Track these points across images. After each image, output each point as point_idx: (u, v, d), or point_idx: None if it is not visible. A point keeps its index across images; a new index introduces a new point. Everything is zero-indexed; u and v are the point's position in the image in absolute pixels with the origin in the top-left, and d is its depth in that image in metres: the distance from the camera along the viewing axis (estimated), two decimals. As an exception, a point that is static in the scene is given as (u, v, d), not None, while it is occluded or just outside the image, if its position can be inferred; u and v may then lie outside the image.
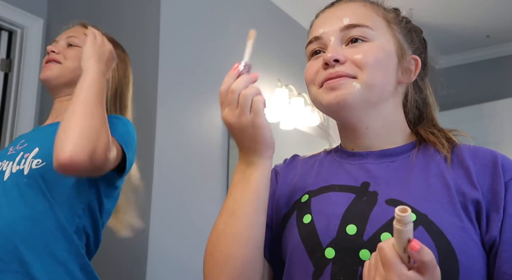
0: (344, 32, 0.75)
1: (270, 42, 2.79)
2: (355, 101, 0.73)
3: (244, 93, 0.70)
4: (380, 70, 0.74)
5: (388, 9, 0.81)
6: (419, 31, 0.83)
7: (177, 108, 2.12)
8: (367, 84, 0.73)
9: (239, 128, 0.70)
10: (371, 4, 0.79)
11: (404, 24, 0.80)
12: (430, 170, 0.72)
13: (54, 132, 1.03)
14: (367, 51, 0.73)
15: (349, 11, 0.77)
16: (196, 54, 2.26)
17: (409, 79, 0.79)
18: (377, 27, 0.76)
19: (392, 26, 0.78)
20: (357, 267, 0.65)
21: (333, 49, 0.74)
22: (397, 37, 0.77)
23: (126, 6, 2.24)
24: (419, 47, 0.81)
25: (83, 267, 1.09)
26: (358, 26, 0.74)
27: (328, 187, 0.76)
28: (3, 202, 1.06)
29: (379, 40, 0.75)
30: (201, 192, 2.18)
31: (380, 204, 0.69)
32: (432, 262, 0.53)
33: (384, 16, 0.78)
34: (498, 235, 0.65)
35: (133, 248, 1.93)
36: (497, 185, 0.67)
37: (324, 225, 0.70)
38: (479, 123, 3.28)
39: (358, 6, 0.78)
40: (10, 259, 1.00)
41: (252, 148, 0.72)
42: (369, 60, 0.73)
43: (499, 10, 3.10)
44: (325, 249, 0.68)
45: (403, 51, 0.77)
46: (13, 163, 1.10)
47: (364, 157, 0.77)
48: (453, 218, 0.66)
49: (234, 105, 0.70)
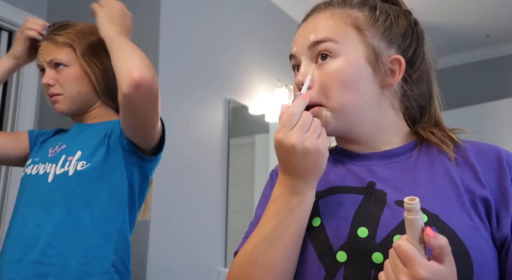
0: (311, 49, 0.74)
1: (270, 42, 2.79)
2: (332, 127, 0.73)
3: (315, 119, 0.68)
4: (348, 89, 0.72)
5: (360, 6, 0.76)
6: (404, 17, 0.78)
7: (177, 108, 2.11)
8: (336, 109, 0.72)
9: (302, 152, 0.66)
10: (340, 11, 0.76)
11: (382, 21, 0.75)
12: (435, 169, 0.72)
13: (93, 135, 1.13)
14: (330, 74, 0.72)
15: (316, 26, 0.75)
16: (196, 54, 2.26)
17: (393, 81, 0.75)
18: (344, 39, 0.73)
19: (363, 32, 0.74)
20: (370, 270, 0.65)
21: (301, 73, 0.74)
22: (369, 44, 0.74)
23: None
24: (405, 39, 0.77)
25: (115, 263, 1.14)
26: (323, 42, 0.73)
27: (335, 189, 0.75)
28: (50, 203, 1.10)
29: (346, 53, 0.73)
30: (201, 192, 2.18)
31: (390, 205, 0.68)
32: (448, 247, 0.55)
33: (354, 23, 0.74)
34: (509, 232, 0.65)
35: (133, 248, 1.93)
36: (504, 182, 0.68)
37: (334, 228, 0.70)
38: (479, 123, 3.28)
39: (326, 18, 0.76)
40: (55, 261, 1.06)
41: (306, 175, 0.68)
42: (332, 84, 0.72)
43: (499, 10, 3.10)
44: (337, 252, 0.68)
45: (378, 57, 0.74)
46: (56, 166, 1.14)
47: (368, 158, 0.76)
48: (463, 217, 0.66)
49: (298, 127, 0.66)
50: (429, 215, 0.66)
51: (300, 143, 0.65)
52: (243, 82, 2.55)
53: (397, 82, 0.76)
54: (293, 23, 3.03)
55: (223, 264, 2.22)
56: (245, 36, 2.62)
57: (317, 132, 0.67)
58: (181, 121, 2.12)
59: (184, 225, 2.06)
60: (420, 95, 0.80)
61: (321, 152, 0.66)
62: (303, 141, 0.65)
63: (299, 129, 0.66)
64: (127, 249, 1.19)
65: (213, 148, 2.28)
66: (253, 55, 2.65)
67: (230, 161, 2.35)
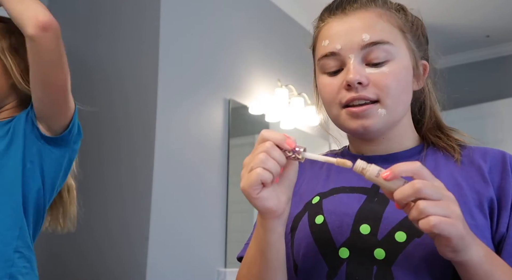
0: (365, 50, 0.72)
1: (270, 42, 2.79)
2: (381, 126, 0.73)
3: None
4: (403, 90, 0.73)
5: (397, 10, 0.77)
6: (422, 26, 0.80)
7: (177, 108, 2.12)
8: (392, 108, 0.72)
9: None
10: (386, 12, 0.75)
11: (415, 28, 0.77)
12: (440, 171, 0.73)
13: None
14: (389, 74, 0.71)
15: (367, 24, 0.73)
16: (196, 54, 2.26)
17: (420, 85, 0.78)
18: (396, 41, 0.73)
19: (406, 36, 0.75)
20: (372, 266, 0.66)
21: (356, 71, 0.71)
22: (411, 48, 0.75)
23: (126, 6, 2.24)
24: (425, 48, 0.80)
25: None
26: (380, 43, 0.71)
27: (339, 189, 0.76)
28: None
29: (399, 56, 0.73)
30: (201, 192, 2.18)
31: (392, 204, 0.69)
32: (399, 165, 0.58)
33: (399, 25, 0.75)
34: (506, 230, 0.67)
35: (133, 248, 1.93)
36: (505, 183, 0.69)
37: (337, 225, 0.71)
38: (479, 123, 3.28)
39: (375, 17, 0.74)
40: None
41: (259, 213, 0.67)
42: (392, 84, 0.71)
43: (499, 10, 3.10)
44: (339, 249, 0.69)
45: (417, 61, 0.76)
46: None
47: (373, 161, 0.77)
48: (465, 216, 0.66)
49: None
50: None
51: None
52: (243, 82, 2.55)
53: (421, 87, 0.78)
54: (293, 24, 3.03)
55: (223, 264, 2.22)
56: (245, 36, 2.62)
57: (245, 169, 0.63)
58: (181, 121, 2.12)
59: (184, 225, 2.06)
60: (426, 103, 0.82)
61: (244, 192, 0.62)
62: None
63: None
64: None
65: (213, 148, 2.28)
66: (253, 55, 2.65)
67: (230, 161, 2.35)
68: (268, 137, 0.62)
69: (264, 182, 0.61)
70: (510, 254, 0.65)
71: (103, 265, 1.98)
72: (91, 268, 1.99)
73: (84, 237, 2.03)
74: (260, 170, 0.60)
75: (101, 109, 2.10)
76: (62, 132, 1.15)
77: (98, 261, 1.99)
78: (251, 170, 0.60)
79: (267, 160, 0.60)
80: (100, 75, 2.24)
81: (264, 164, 0.60)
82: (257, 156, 0.61)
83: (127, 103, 2.11)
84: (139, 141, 2.04)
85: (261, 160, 0.60)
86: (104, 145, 2.12)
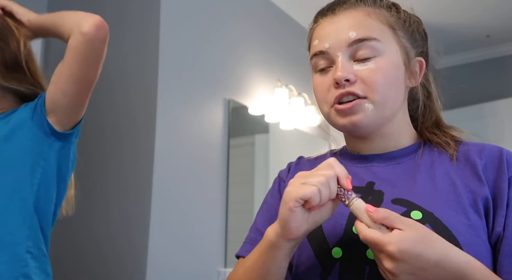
0: (352, 47, 0.73)
1: (270, 42, 2.79)
2: (370, 121, 0.73)
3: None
4: (392, 86, 0.73)
5: (388, 7, 0.78)
6: (418, 24, 0.81)
7: (177, 108, 2.12)
8: (379, 103, 0.72)
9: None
10: (375, 10, 0.76)
11: (408, 25, 0.78)
12: (435, 169, 0.73)
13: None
14: (376, 69, 0.72)
15: (354, 22, 0.74)
16: (196, 53, 2.26)
17: (415, 82, 0.78)
18: (384, 38, 0.74)
19: (397, 33, 0.75)
20: (365, 266, 0.66)
21: (343, 69, 0.72)
22: (402, 44, 0.76)
23: (127, 6, 2.24)
24: (421, 45, 0.80)
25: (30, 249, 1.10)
26: (366, 40, 0.72)
27: None
28: None
29: (388, 52, 0.73)
30: (201, 192, 2.18)
31: (386, 203, 0.70)
32: (392, 213, 0.58)
33: (388, 22, 0.75)
34: (502, 230, 0.66)
35: (133, 248, 1.93)
36: (501, 180, 0.68)
37: (331, 225, 0.71)
38: (479, 123, 3.29)
39: (362, 15, 0.75)
40: None
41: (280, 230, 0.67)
42: (379, 79, 0.72)
43: (499, 10, 3.10)
44: (332, 248, 0.69)
45: (409, 58, 0.76)
46: None
47: (369, 160, 0.78)
48: (460, 215, 0.66)
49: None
50: (423, 212, 0.66)
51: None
52: (243, 82, 2.55)
53: (418, 83, 0.78)
54: (293, 24, 3.03)
55: (223, 264, 2.22)
56: (245, 37, 2.62)
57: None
58: (181, 121, 2.12)
59: (184, 225, 2.06)
60: (424, 101, 0.82)
61: (287, 199, 0.63)
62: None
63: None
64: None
65: (213, 148, 2.28)
66: (253, 55, 2.65)
67: (230, 161, 2.35)
68: (334, 168, 0.63)
69: (309, 201, 0.61)
70: (508, 254, 0.65)
71: (102, 264, 1.98)
72: (91, 268, 1.99)
73: (84, 236, 2.03)
74: (316, 189, 0.61)
75: (101, 109, 2.10)
76: (72, 128, 1.16)
77: (98, 261, 1.99)
78: (306, 184, 0.61)
79: (324, 186, 0.61)
80: (101, 75, 2.23)
81: (321, 187, 0.61)
82: (318, 177, 0.62)
83: (127, 104, 2.11)
84: (139, 141, 2.04)
85: (320, 182, 0.61)
86: (104, 145, 2.12)
